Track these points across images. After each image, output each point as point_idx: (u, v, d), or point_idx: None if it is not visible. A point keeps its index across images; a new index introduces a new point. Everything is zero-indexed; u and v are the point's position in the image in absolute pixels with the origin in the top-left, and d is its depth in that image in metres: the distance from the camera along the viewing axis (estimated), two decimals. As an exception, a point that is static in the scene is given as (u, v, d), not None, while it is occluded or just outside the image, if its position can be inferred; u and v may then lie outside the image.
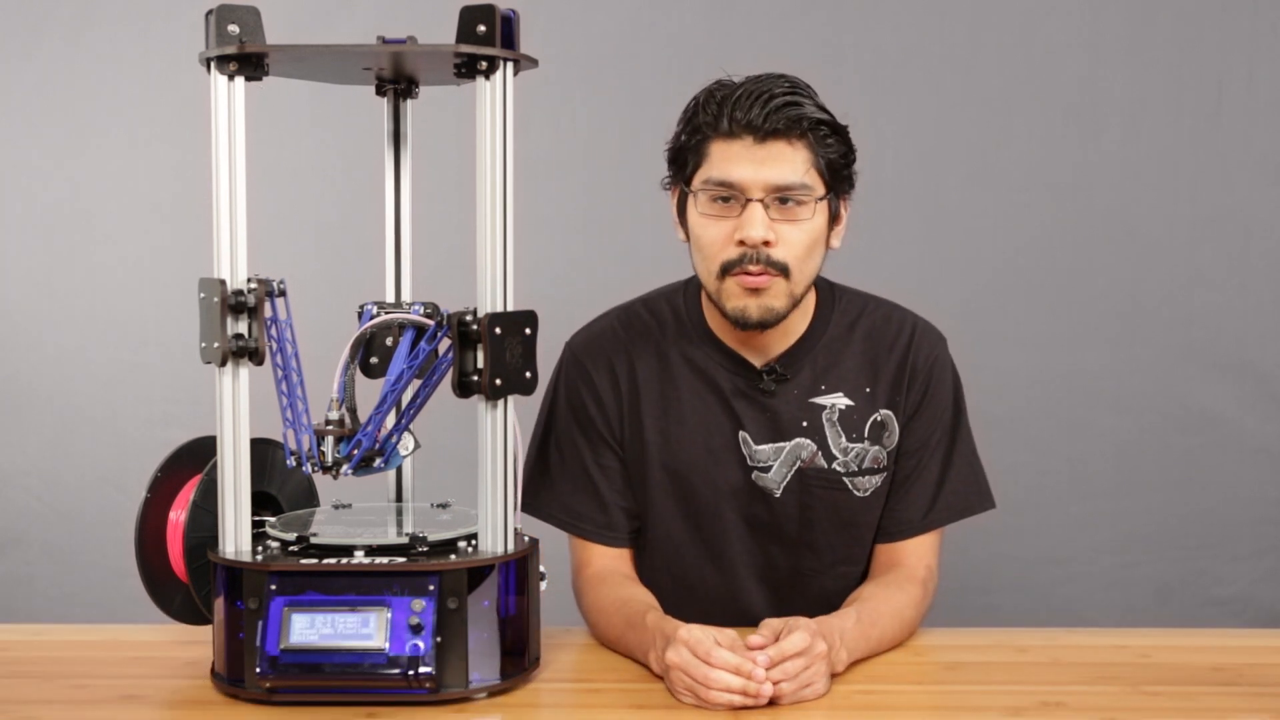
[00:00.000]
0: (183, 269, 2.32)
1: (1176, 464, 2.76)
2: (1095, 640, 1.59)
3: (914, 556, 1.69)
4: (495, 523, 1.38)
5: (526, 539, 1.43)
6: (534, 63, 1.39)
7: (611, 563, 1.72)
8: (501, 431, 1.37)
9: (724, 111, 1.55)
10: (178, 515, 1.43)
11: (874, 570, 1.73)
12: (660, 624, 1.46)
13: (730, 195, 1.56)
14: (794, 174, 1.55)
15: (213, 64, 1.33)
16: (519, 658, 1.40)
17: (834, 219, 1.63)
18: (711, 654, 1.34)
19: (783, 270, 1.57)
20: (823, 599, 1.70)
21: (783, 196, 1.55)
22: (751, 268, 1.56)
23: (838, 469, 1.67)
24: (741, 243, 1.55)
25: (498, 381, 1.34)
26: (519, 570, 1.38)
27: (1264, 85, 2.72)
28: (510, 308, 1.36)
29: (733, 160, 1.55)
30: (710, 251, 1.59)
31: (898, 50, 2.75)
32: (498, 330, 1.34)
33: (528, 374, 1.37)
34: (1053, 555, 2.79)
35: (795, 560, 1.72)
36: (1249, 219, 2.75)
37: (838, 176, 1.60)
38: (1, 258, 2.88)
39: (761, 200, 1.55)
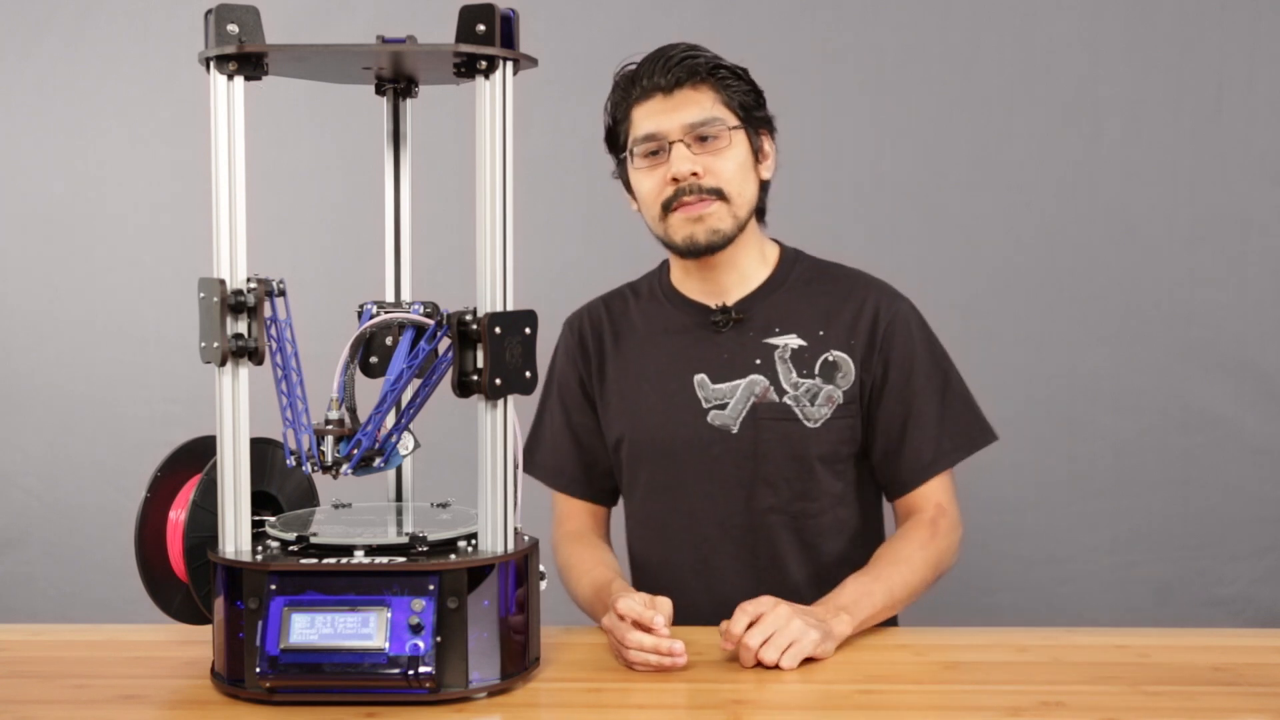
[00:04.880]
0: (183, 269, 2.33)
1: (1176, 464, 2.76)
2: (1095, 640, 1.59)
3: (921, 499, 1.77)
4: (495, 522, 1.38)
5: (526, 539, 1.43)
6: (534, 62, 1.39)
7: (588, 521, 1.90)
8: (501, 431, 1.37)
9: (634, 83, 1.75)
10: (178, 515, 1.43)
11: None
12: (613, 595, 1.57)
13: (657, 147, 1.73)
14: (702, 111, 1.72)
15: (212, 64, 1.33)
16: (519, 658, 1.40)
17: (759, 153, 1.79)
18: (626, 635, 1.45)
19: (717, 194, 1.72)
20: (786, 548, 1.79)
21: (699, 134, 1.72)
22: (688, 198, 1.72)
23: (788, 402, 1.77)
24: (675, 179, 1.71)
25: (497, 381, 1.34)
26: (519, 570, 1.38)
27: (1264, 85, 2.71)
28: (510, 307, 1.36)
29: (650, 115, 1.73)
30: (650, 197, 1.75)
31: (898, 50, 2.75)
32: (497, 330, 1.34)
33: (527, 373, 1.37)
34: (1053, 555, 2.78)
35: (752, 499, 1.78)
36: (1249, 219, 2.75)
37: (750, 113, 1.77)
38: (2, 257, 2.88)
39: (682, 141, 1.71)
